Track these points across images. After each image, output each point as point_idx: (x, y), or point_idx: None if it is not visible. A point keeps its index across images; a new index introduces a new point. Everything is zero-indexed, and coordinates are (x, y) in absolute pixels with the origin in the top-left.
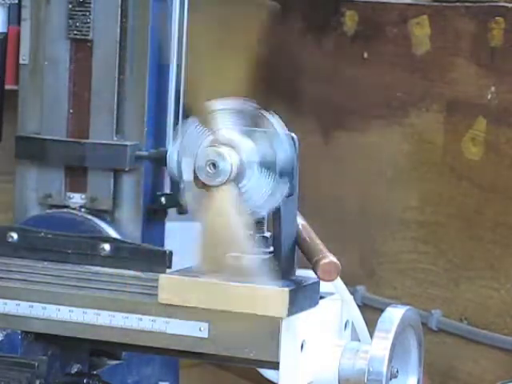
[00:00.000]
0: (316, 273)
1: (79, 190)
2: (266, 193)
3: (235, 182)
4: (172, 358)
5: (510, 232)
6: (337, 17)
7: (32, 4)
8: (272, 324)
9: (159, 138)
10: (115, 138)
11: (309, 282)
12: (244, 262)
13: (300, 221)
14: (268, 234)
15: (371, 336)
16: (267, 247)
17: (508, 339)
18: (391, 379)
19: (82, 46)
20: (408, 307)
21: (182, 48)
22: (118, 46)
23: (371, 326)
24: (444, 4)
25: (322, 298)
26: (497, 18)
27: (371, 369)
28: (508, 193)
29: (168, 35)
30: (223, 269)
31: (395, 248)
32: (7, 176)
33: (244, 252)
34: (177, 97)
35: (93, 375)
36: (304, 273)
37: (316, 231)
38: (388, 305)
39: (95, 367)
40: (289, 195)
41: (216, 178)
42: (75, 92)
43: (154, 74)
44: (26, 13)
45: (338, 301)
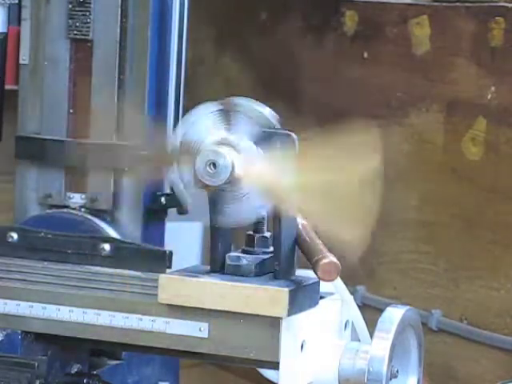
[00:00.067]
0: (316, 273)
1: (79, 190)
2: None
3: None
4: (172, 358)
5: (510, 232)
6: (337, 17)
7: (32, 4)
8: (272, 324)
9: None
10: (115, 138)
11: (309, 282)
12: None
13: (300, 221)
14: (268, 234)
15: (371, 336)
16: (267, 247)
17: (508, 339)
18: (391, 379)
19: (82, 46)
20: (408, 307)
21: (182, 48)
22: (118, 46)
23: (371, 326)
24: (444, 4)
25: (322, 298)
26: (497, 18)
27: (371, 369)
28: (508, 193)
29: (168, 35)
30: None
31: (395, 248)
32: (7, 176)
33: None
34: (177, 97)
35: (93, 375)
36: (304, 273)
37: (316, 231)
38: (388, 305)
39: (95, 367)
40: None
41: (216, 178)
42: (75, 92)
43: (154, 74)
44: (26, 13)
45: (338, 301)
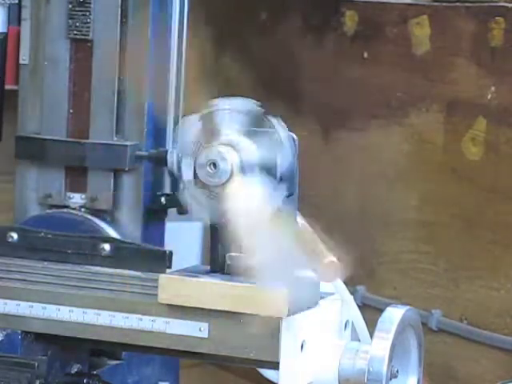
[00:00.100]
0: (316, 273)
1: (79, 190)
2: (267, 192)
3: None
4: (172, 358)
5: (510, 232)
6: (337, 17)
7: (32, 4)
8: (272, 324)
9: (159, 138)
10: (115, 138)
11: (309, 282)
12: (244, 262)
13: (300, 221)
14: None
15: (371, 336)
16: None
17: (508, 339)
18: (391, 379)
19: (82, 46)
20: (408, 307)
21: (182, 48)
22: (118, 46)
23: (371, 326)
24: (444, 4)
25: (322, 298)
26: (497, 18)
27: (371, 369)
28: (508, 193)
29: (168, 36)
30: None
31: (395, 248)
32: (7, 176)
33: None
34: (177, 96)
35: (93, 375)
36: (304, 273)
37: (316, 231)
38: (388, 305)
39: (95, 367)
40: (289, 195)
41: (216, 178)
42: (75, 92)
43: (154, 74)
44: (26, 13)
45: (338, 301)
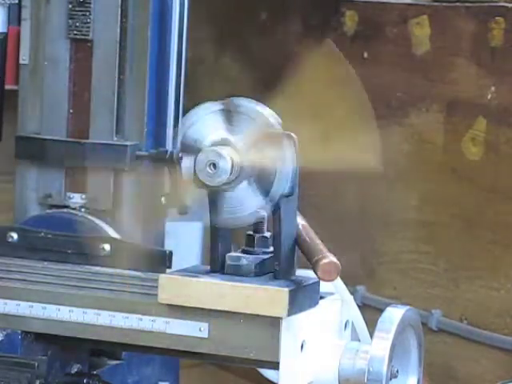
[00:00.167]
0: (316, 273)
1: (79, 190)
2: (266, 192)
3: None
4: (172, 358)
5: (510, 232)
6: (337, 17)
7: (32, 4)
8: (272, 324)
9: (159, 138)
10: (115, 138)
11: (309, 282)
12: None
13: (300, 221)
14: (268, 234)
15: (371, 336)
16: (267, 247)
17: (508, 339)
18: (391, 379)
19: (82, 46)
20: (408, 307)
21: (182, 48)
22: (118, 46)
23: (371, 326)
24: (444, 4)
25: (322, 298)
26: (497, 18)
27: (371, 369)
28: (508, 193)
29: (168, 35)
30: None
31: (395, 248)
32: (7, 176)
33: None
34: (177, 97)
35: (93, 375)
36: (304, 273)
37: (316, 231)
38: (388, 305)
39: (95, 367)
40: (289, 195)
41: (216, 178)
42: (75, 92)
43: (154, 74)
44: (26, 13)
45: (338, 301)
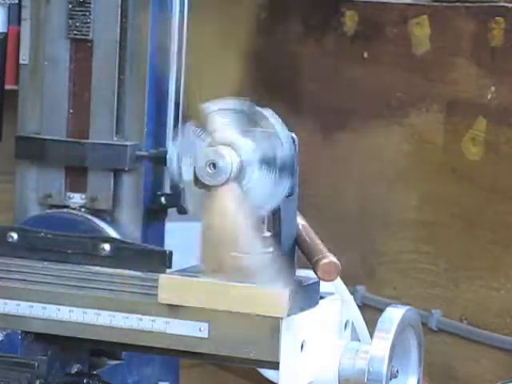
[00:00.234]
0: (316, 273)
1: (79, 190)
2: (266, 192)
3: (237, 182)
4: (172, 358)
5: (510, 232)
6: (337, 17)
7: (32, 4)
8: (272, 324)
9: (159, 138)
10: (115, 138)
11: (309, 282)
12: (245, 263)
13: (300, 221)
14: (268, 234)
15: (371, 336)
16: (267, 247)
17: (508, 339)
18: (391, 379)
19: (82, 46)
20: (408, 307)
21: (182, 48)
22: (118, 46)
23: (371, 326)
24: (444, 4)
25: (322, 298)
26: (497, 18)
27: (371, 369)
28: (508, 193)
29: (168, 35)
30: (226, 269)
31: (395, 248)
32: (7, 176)
33: (246, 252)
34: (177, 97)
35: (93, 375)
36: (304, 273)
37: (316, 231)
38: (388, 305)
39: (95, 367)
40: (289, 195)
41: (216, 178)
42: (75, 92)
43: (154, 74)
44: (26, 13)
45: (338, 301)
